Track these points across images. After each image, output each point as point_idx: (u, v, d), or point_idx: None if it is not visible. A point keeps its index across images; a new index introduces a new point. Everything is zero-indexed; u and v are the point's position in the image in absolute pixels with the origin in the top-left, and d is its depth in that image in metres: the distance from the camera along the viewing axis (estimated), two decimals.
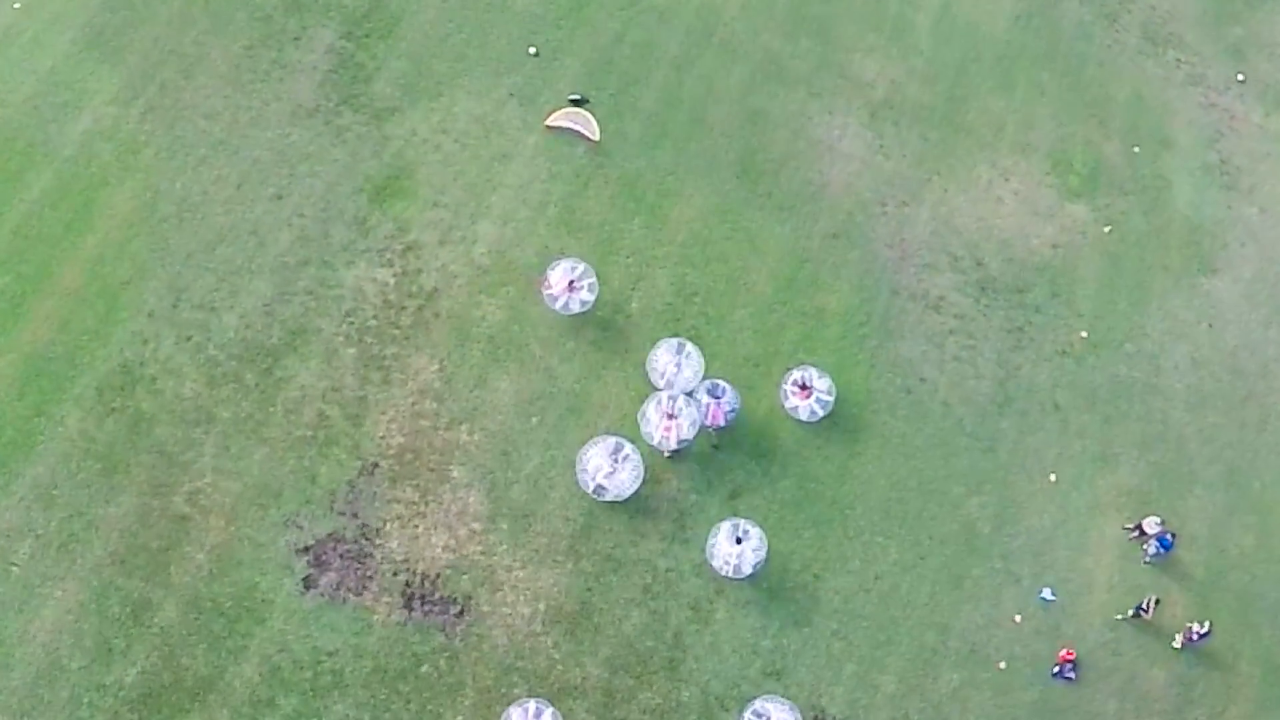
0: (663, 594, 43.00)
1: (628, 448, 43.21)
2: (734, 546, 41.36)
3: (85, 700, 39.89)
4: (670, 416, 42.94)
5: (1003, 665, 42.72)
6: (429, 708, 40.94)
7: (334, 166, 49.95)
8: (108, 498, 43.25)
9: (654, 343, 46.55)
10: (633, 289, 47.98)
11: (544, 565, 43.33)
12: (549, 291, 45.57)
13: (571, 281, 45.29)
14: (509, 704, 40.25)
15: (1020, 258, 50.19)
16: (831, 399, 44.40)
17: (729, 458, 45.32)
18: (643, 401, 43.69)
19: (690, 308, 48.06)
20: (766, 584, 43.38)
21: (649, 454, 43.36)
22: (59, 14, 53.60)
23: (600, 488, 43.37)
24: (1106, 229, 51.11)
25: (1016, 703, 42.20)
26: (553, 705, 39.21)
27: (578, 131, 50.63)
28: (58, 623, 41.16)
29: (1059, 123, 54.24)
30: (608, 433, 43.91)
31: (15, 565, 42.05)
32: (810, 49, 54.72)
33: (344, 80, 52.28)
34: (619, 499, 43.48)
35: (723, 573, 41.72)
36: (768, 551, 41.30)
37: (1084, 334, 48.35)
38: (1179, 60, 56.86)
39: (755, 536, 41.65)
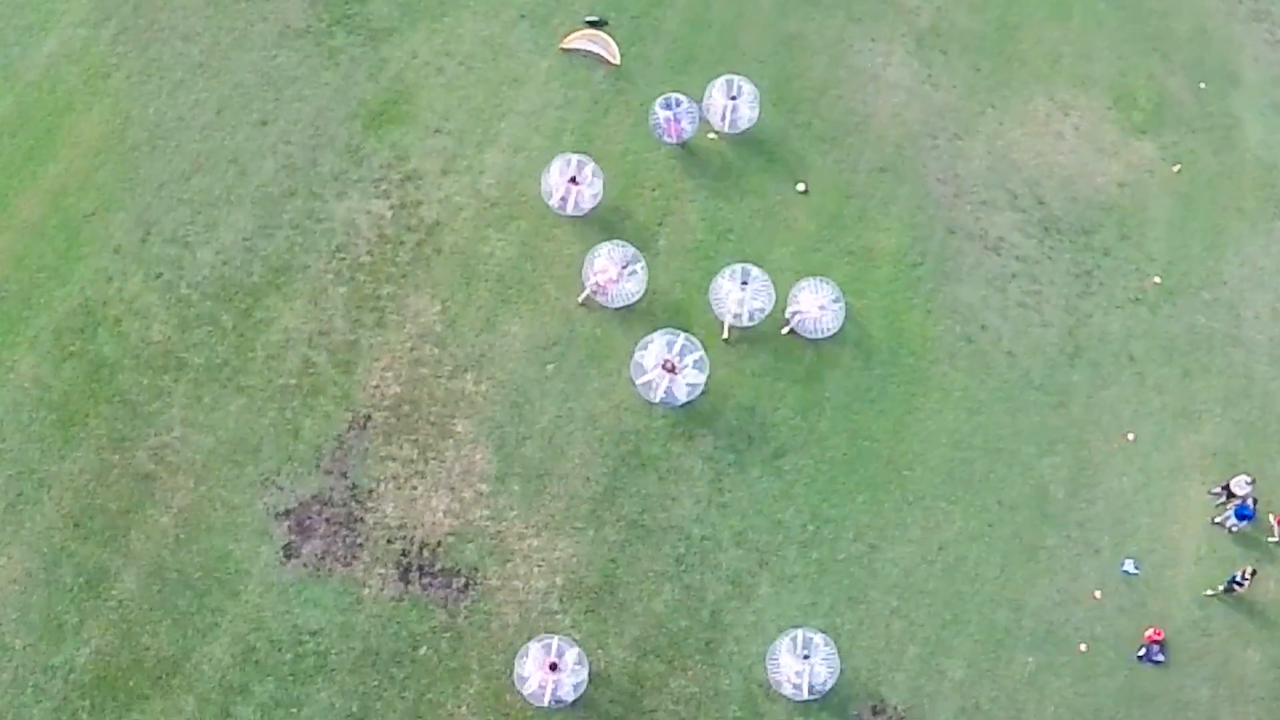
0: (698, 566, 36.67)
1: (685, 340, 36.50)
2: (800, 663, 33.42)
3: (30, 683, 33.91)
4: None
5: (1083, 647, 36.32)
6: (427, 697, 34.54)
7: (325, 91, 43.63)
8: (62, 453, 37.10)
9: (683, 283, 40.27)
10: (659, 224, 41.66)
11: (561, 533, 36.91)
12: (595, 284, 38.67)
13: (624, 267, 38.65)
14: (518, 692, 33.66)
15: (1085, 196, 44.24)
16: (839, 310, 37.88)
17: (772, 411, 38.93)
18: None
19: (724, 245, 41.72)
20: (816, 555, 37.30)
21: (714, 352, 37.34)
22: None
23: (668, 391, 36.50)
24: (1175, 168, 45.02)
25: (1099, 689, 35.86)
26: (578, 645, 33.12)
27: (596, 55, 44.61)
28: (1, 595, 35.16)
29: (1119, 55, 48.11)
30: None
31: None
32: None
33: (331, 4, 45.68)
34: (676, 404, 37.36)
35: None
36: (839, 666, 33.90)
37: (1157, 279, 42.30)
38: None
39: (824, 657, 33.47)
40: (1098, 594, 37.14)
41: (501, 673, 34.98)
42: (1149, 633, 36.28)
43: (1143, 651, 36.18)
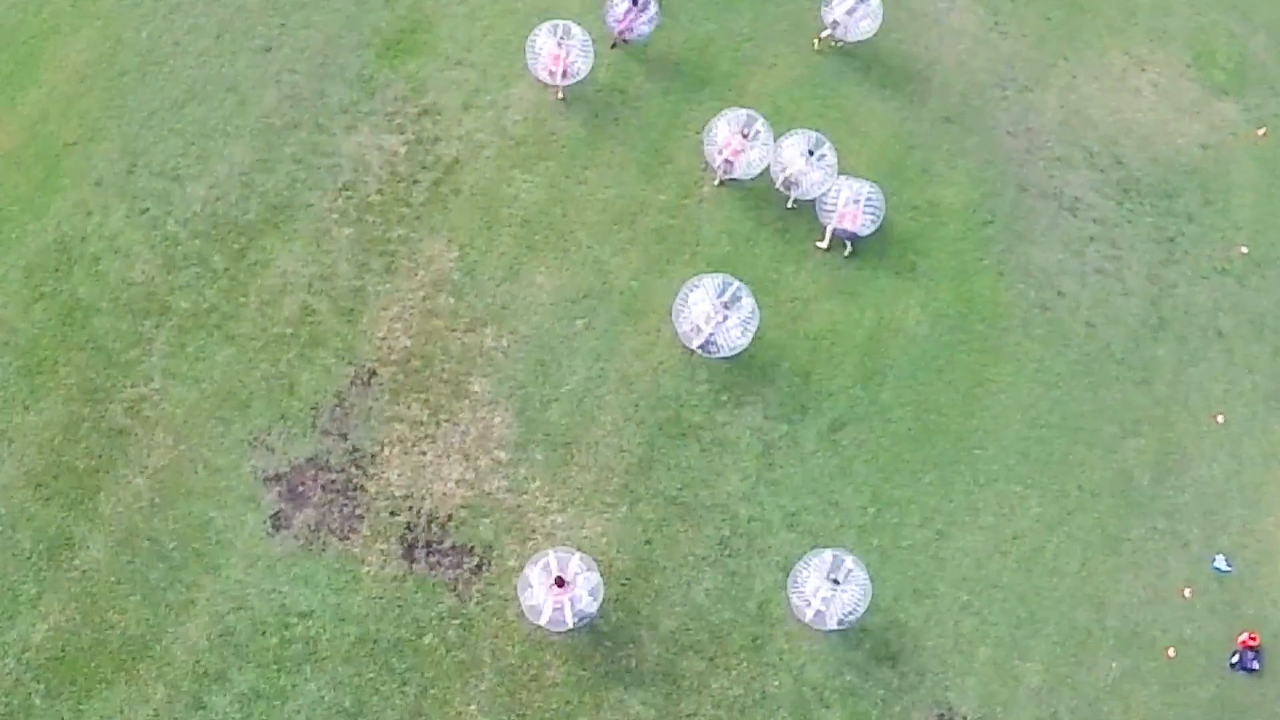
0: (744, 550, 31.84)
1: (739, 287, 32.28)
2: (829, 588, 29.54)
3: None
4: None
5: (1171, 652, 31.48)
6: (432, 692, 29.40)
7: (335, 16, 39.43)
8: (27, 404, 32.52)
9: (729, 233, 35.91)
10: (703, 171, 37.29)
11: (589, 509, 32.15)
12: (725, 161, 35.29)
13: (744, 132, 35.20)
14: (537, 690, 28.93)
15: (1165, 158, 40.56)
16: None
17: (829, 378, 34.56)
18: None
19: (775, 193, 36.64)
20: (876, 542, 32.61)
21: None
22: None
23: (710, 341, 32.20)
24: (1261, 131, 41.38)
25: (1189, 700, 30.87)
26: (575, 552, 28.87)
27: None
28: None
29: (1196, 10, 44.65)
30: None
31: None
32: None
33: None
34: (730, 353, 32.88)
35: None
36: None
37: (1244, 249, 38.70)
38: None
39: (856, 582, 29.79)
40: (1187, 593, 32.54)
41: (518, 667, 30.09)
42: (1243, 637, 31.65)
43: (1236, 658, 31.54)
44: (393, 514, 31.61)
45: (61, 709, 29.15)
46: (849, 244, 37.06)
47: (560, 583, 29.51)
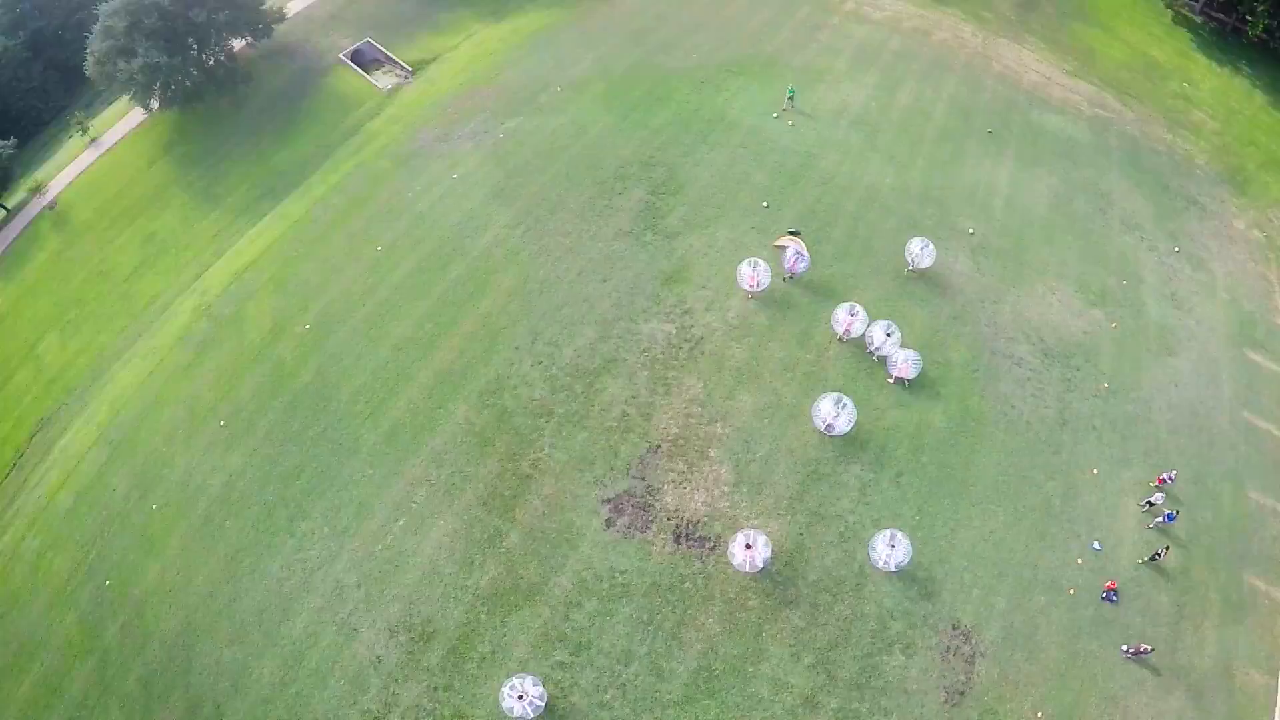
0: (851, 539, 36.76)
1: (846, 400, 38.31)
2: (889, 550, 35.27)
3: (452, 596, 35.79)
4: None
5: (1072, 591, 37.43)
6: (689, 612, 34.75)
7: (639, 264, 45.98)
8: (479, 461, 39.17)
9: (847, 374, 41.86)
10: (829, 344, 42.76)
11: (771, 517, 37.04)
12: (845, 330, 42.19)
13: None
14: (743, 611, 34.67)
15: (1065, 338, 45.67)
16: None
17: (895, 449, 39.58)
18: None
19: (864, 359, 42.51)
20: (920, 534, 37.03)
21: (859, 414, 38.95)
22: (479, 180, 51.77)
23: (830, 426, 38.34)
24: (1113, 325, 47.24)
25: (1082, 617, 36.90)
26: (764, 534, 35.46)
27: (785, 252, 45.50)
28: (439, 542, 37.18)
29: (1080, 265, 50.00)
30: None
31: (415, 503, 38.44)
32: (933, 213, 49.99)
33: (648, 218, 48.46)
34: (841, 434, 38.71)
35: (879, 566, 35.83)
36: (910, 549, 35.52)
37: (1105, 385, 44.35)
38: (1142, 236, 53.26)
39: (903, 545, 35.42)
40: (1079, 561, 37.90)
41: (733, 599, 34.84)
42: (1108, 584, 37.46)
43: (1105, 595, 37.30)
44: (668, 519, 36.64)
45: (496, 620, 34.81)
46: (905, 383, 41.37)
47: (748, 547, 34.48)
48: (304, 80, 63.76)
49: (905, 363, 40.69)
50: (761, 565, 34.67)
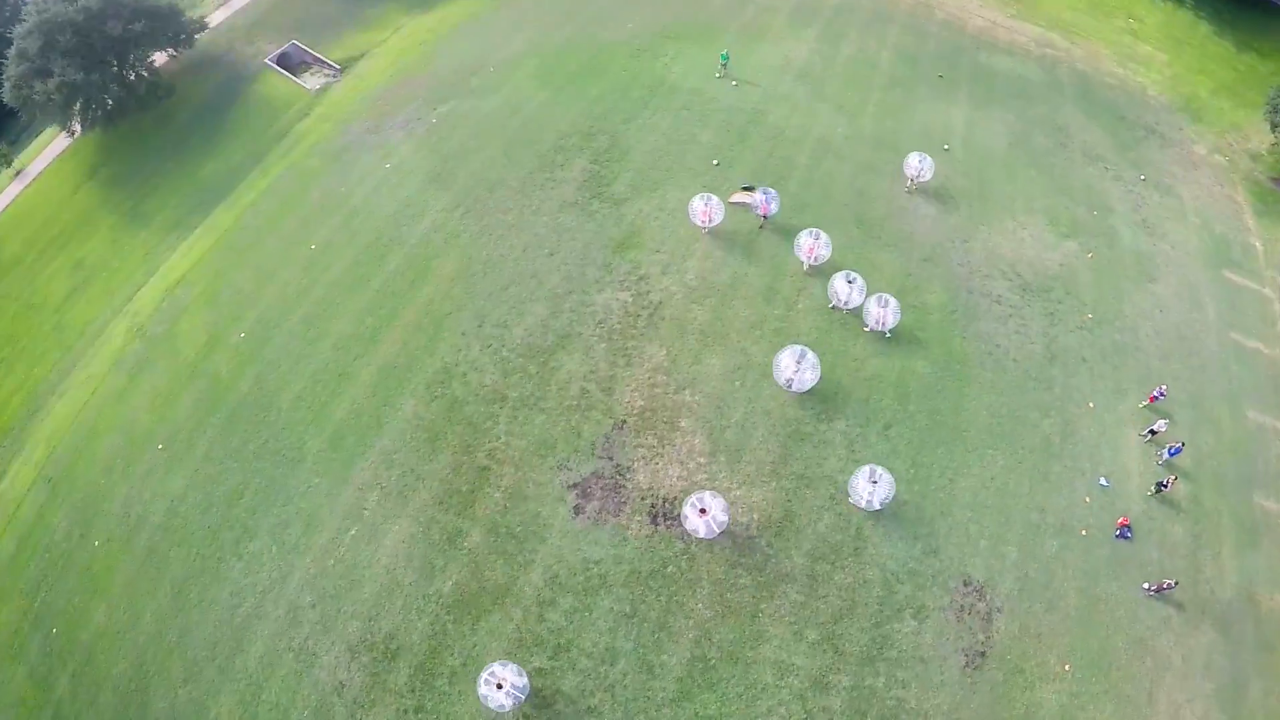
0: (844, 500, 32.10)
1: (807, 351, 33.78)
2: (870, 486, 31.28)
3: (415, 607, 30.82)
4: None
5: (1084, 532, 33.35)
6: (675, 598, 30.01)
7: (588, 233, 41.07)
8: (431, 457, 34.18)
9: (819, 328, 37.09)
10: (796, 299, 37.94)
11: (754, 485, 32.30)
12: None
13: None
14: (734, 591, 30.18)
15: (1041, 271, 41.52)
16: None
17: (878, 401, 35.00)
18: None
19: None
20: (917, 487, 32.84)
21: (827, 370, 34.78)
22: (413, 168, 46.83)
23: (790, 382, 33.83)
24: (1089, 255, 43.23)
25: (1097, 558, 32.89)
26: (720, 496, 31.24)
27: (749, 205, 41.58)
28: (395, 549, 32.10)
29: (1046, 198, 45.85)
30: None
31: (366, 510, 33.36)
32: (889, 157, 45.52)
33: (593, 186, 43.49)
34: (806, 390, 34.19)
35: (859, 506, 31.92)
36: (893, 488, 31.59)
37: (1090, 315, 40.33)
38: (1105, 167, 49.25)
39: (886, 480, 31.38)
40: (1087, 499, 34.06)
41: (723, 579, 30.29)
42: (1120, 519, 33.83)
43: (1118, 532, 33.63)
44: (642, 499, 31.93)
45: (464, 629, 30.07)
46: (888, 333, 37.03)
47: (703, 512, 30.04)
48: (230, 89, 58.40)
49: (884, 311, 36.31)
50: (720, 529, 30.20)
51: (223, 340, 42.37)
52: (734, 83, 48.93)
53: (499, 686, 27.32)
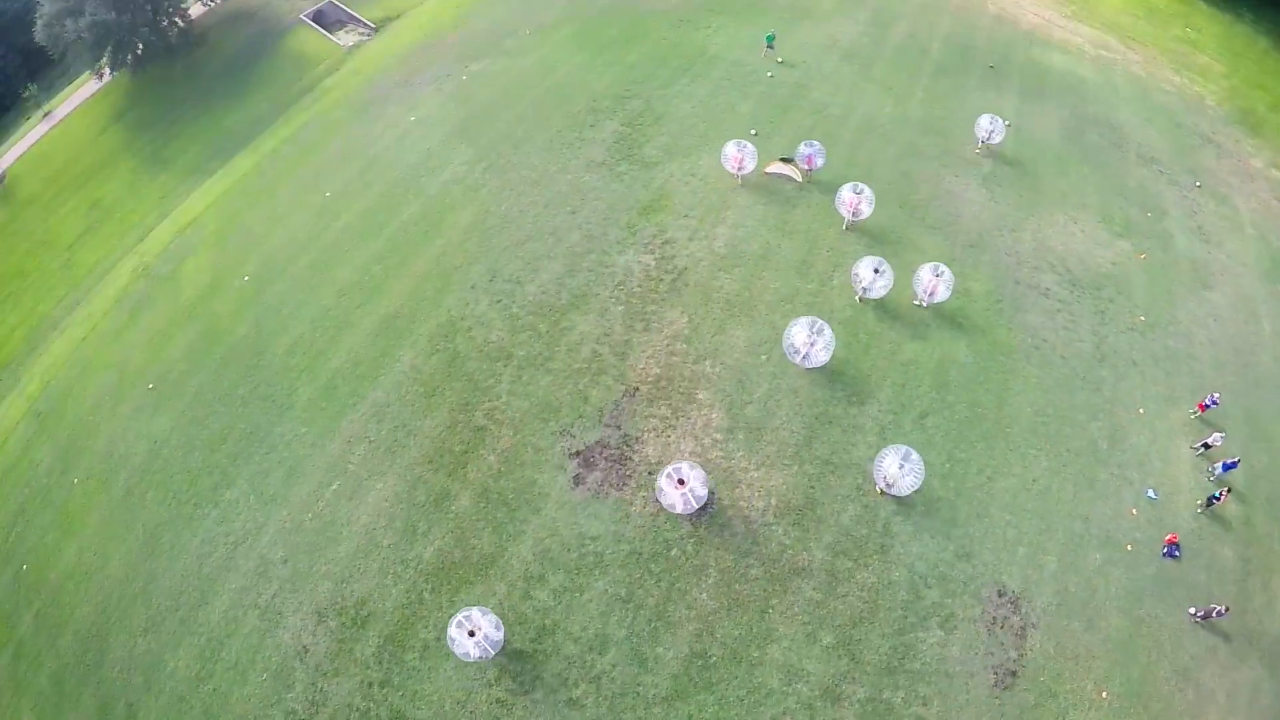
0: (872, 491, 27.68)
1: (823, 324, 29.10)
2: (896, 470, 26.55)
3: (391, 571, 26.73)
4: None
5: (1129, 547, 28.57)
6: (677, 585, 25.55)
7: (613, 194, 36.97)
8: (425, 413, 30.22)
9: (854, 306, 32.63)
10: (830, 275, 33.54)
11: (774, 468, 27.86)
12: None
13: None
14: (744, 583, 25.68)
15: (1092, 269, 36.74)
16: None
17: (915, 388, 30.47)
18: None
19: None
20: (952, 484, 28.25)
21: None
22: (438, 121, 43.23)
23: (806, 357, 29.07)
24: (1141, 255, 38.21)
25: (1142, 576, 28.06)
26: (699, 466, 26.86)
27: (787, 175, 37.48)
28: (377, 508, 28.12)
29: (1100, 196, 40.87)
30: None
31: (351, 464, 29.42)
32: (936, 141, 41.34)
33: (623, 148, 39.41)
34: (818, 366, 29.65)
35: (889, 490, 27.36)
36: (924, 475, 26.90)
37: (1142, 318, 35.50)
38: (1160, 170, 44.19)
39: (917, 465, 26.70)
40: (1134, 511, 29.38)
41: (731, 568, 25.83)
42: (1168, 536, 29.30)
43: (1166, 550, 29.07)
44: (649, 473, 27.75)
45: (441, 600, 26.15)
46: (924, 304, 33.06)
47: (681, 482, 25.89)
48: (262, 42, 55.13)
49: (938, 281, 32.02)
50: (698, 505, 26.00)
51: (226, 282, 38.83)
52: (780, 59, 44.60)
53: (471, 634, 23.66)
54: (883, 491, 27.53)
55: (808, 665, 24.25)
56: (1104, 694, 25.62)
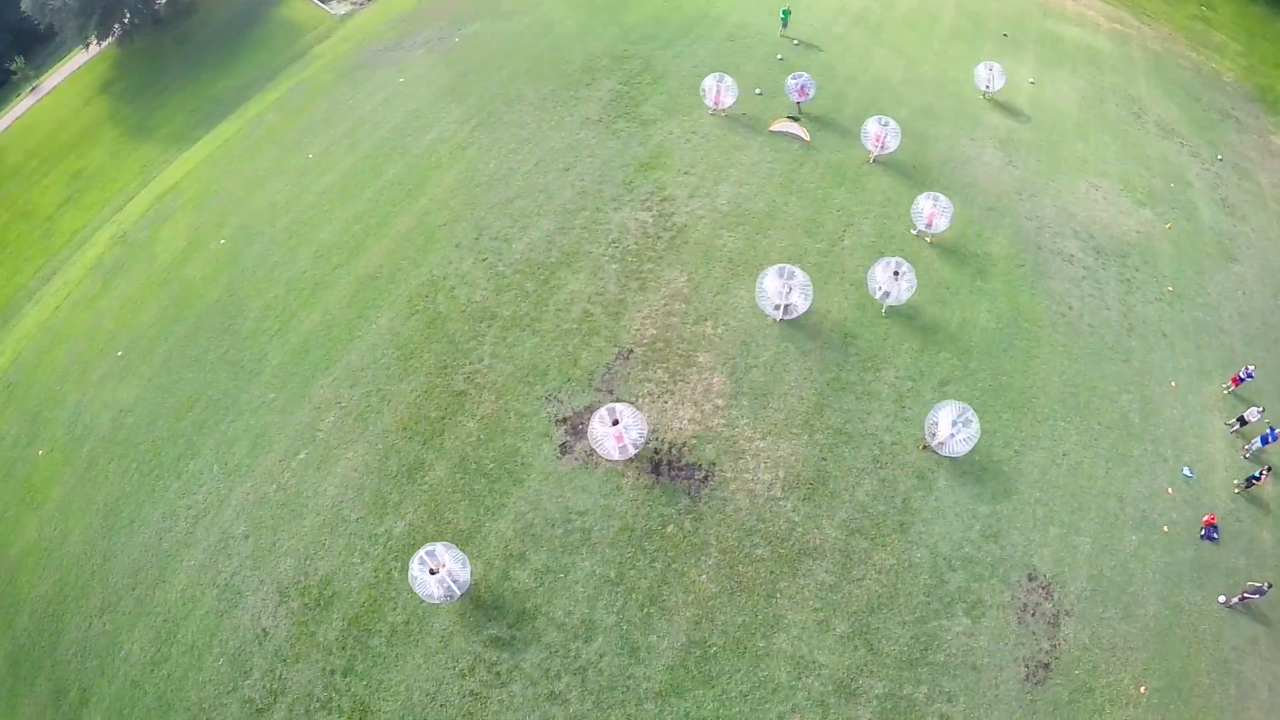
0: (890, 464, 24.17)
1: (798, 273, 25.86)
2: (948, 429, 23.32)
3: (359, 548, 23.14)
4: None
5: (1166, 529, 25.15)
6: (674, 566, 21.98)
7: (609, 151, 33.47)
8: (401, 377, 26.59)
9: (866, 267, 28.38)
10: (841, 235, 30.08)
11: (782, 437, 24.29)
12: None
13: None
14: (749, 564, 22.18)
15: (1116, 237, 33.29)
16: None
17: (935, 354, 26.90)
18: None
19: (888, 248, 29.89)
20: (977, 456, 24.52)
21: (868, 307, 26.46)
22: (428, 81, 39.66)
23: (777, 307, 26.10)
24: (1167, 225, 34.82)
25: (1180, 560, 24.61)
26: (633, 407, 22.58)
27: (794, 135, 34.15)
28: (345, 479, 24.50)
29: (1121, 164, 37.37)
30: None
31: (320, 431, 25.81)
32: (950, 104, 38.10)
33: (620, 106, 35.95)
34: (791, 319, 26.67)
35: (935, 446, 23.95)
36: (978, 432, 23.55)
37: (1169, 289, 32.06)
38: (1181, 142, 40.64)
39: (974, 423, 23.40)
40: (1169, 490, 25.99)
41: (735, 547, 22.31)
42: (1206, 517, 25.97)
43: (1203, 532, 25.73)
44: (644, 442, 23.83)
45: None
46: (927, 237, 30.30)
47: (615, 423, 22.81)
48: (252, 12, 51.66)
49: (935, 209, 28.92)
50: (634, 451, 22.76)
51: (201, 246, 35.30)
52: (796, 42, 40.97)
53: (433, 572, 20.51)
54: (926, 446, 24.29)
55: (820, 657, 20.70)
56: (1143, 689, 22.13)
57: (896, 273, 26.60)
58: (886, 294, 26.74)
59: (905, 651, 21.03)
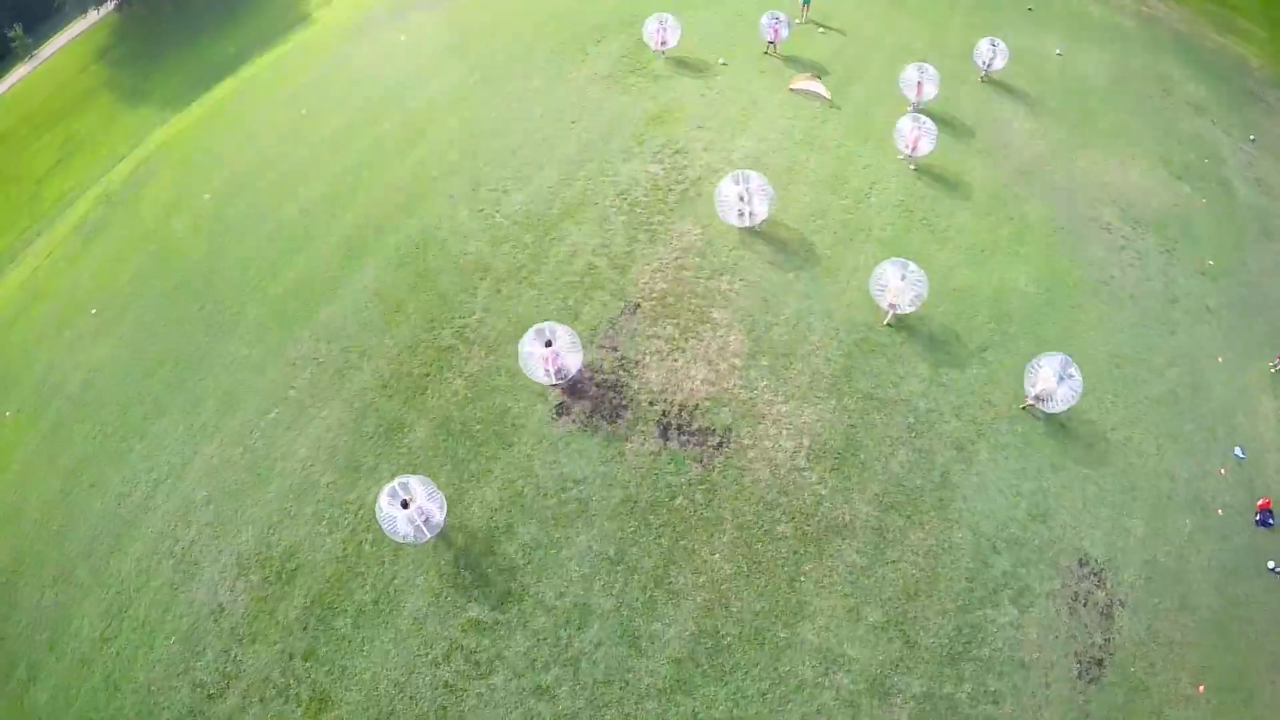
0: (926, 433, 20.69)
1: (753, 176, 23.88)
2: (1054, 383, 20.51)
3: (328, 517, 19.67)
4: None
5: (1220, 512, 21.50)
6: (683, 543, 18.39)
7: (619, 105, 30.12)
8: (384, 331, 23.13)
9: (894, 225, 25.63)
10: (868, 192, 26.68)
11: (806, 401, 20.78)
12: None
13: None
14: (769, 542, 18.57)
15: (1154, 208, 29.82)
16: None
17: (971, 318, 23.49)
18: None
19: (918, 206, 26.62)
20: (1020, 429, 21.16)
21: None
22: (430, 38, 36.43)
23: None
24: (1204, 201, 31.17)
25: (1235, 546, 21.11)
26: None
27: (815, 93, 30.81)
28: (317, 440, 21.07)
29: (1154, 137, 33.76)
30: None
31: (294, 389, 22.34)
32: (975, 71, 34.12)
33: (632, 62, 32.59)
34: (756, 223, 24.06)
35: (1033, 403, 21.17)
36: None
37: (1210, 262, 28.62)
38: (1212, 121, 36.77)
39: (1076, 378, 20.64)
40: (1223, 471, 22.48)
41: (753, 523, 18.75)
42: (1261, 501, 22.41)
43: (1258, 517, 22.29)
44: (650, 404, 20.71)
45: (384, 553, 19.15)
46: (912, 164, 28.21)
47: (548, 344, 19.92)
48: None
49: (919, 131, 26.63)
50: (561, 380, 19.95)
51: (186, 203, 31.95)
52: (821, 30, 37.07)
53: (405, 505, 17.48)
54: (1028, 405, 21.32)
55: (850, 650, 17.14)
56: (1201, 689, 18.61)
57: (905, 277, 22.56)
58: (894, 306, 22.81)
59: (946, 645, 17.49)
